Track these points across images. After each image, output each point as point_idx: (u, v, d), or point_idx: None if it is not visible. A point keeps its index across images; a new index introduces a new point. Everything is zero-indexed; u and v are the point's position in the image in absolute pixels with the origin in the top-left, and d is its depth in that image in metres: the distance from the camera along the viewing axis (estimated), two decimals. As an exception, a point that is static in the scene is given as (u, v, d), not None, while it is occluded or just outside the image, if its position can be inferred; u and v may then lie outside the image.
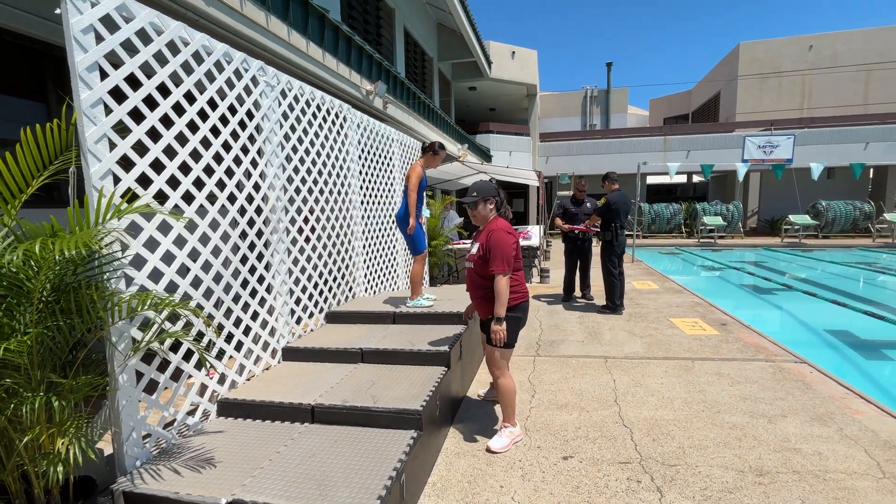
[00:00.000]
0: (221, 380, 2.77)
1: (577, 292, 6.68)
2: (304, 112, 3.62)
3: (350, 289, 4.45)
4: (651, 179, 22.47)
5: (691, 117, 28.63)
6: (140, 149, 2.21)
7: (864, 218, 16.31)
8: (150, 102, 2.26)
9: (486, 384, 3.62)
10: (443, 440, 2.76)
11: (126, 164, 2.14)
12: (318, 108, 3.82)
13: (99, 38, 2.00)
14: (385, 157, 5.21)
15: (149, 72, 2.26)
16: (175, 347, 2.43)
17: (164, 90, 2.32)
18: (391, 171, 5.39)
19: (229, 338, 2.85)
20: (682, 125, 25.93)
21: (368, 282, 4.83)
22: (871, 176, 19.46)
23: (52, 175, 2.05)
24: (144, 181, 2.22)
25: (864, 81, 21.37)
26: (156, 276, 2.29)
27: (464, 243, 9.00)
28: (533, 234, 9.66)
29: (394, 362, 3.13)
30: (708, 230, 16.46)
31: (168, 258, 2.36)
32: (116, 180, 2.09)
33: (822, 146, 17.58)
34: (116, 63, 2.07)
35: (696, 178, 23.45)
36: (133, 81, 2.17)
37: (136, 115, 2.18)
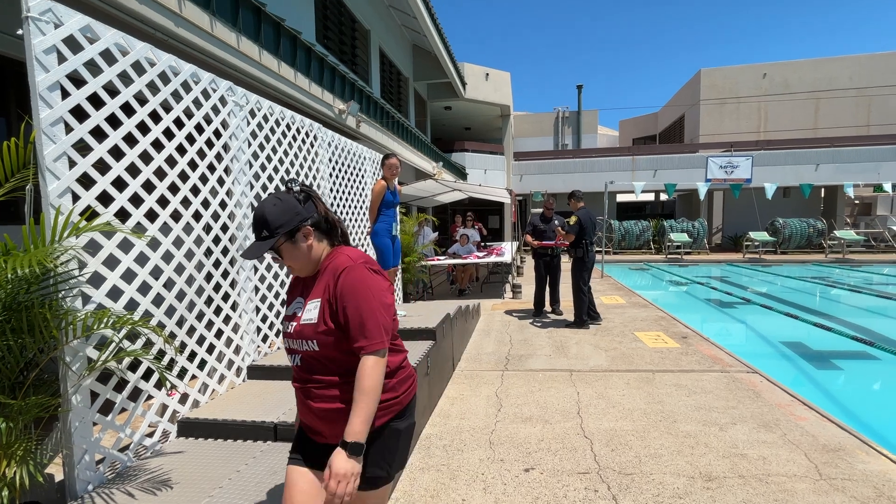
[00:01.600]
0: (183, 399, 2.73)
1: (548, 307, 6.83)
2: (273, 131, 3.66)
3: (319, 306, 4.44)
4: (620, 197, 23.22)
5: (658, 138, 29.87)
6: (102, 167, 2.22)
7: (817, 235, 17.26)
8: (114, 121, 2.27)
9: (455, 399, 3.66)
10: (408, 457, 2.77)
11: (87, 181, 2.14)
12: (288, 126, 3.88)
13: (62, 58, 2.02)
14: (357, 175, 5.28)
15: (113, 90, 2.28)
16: (134, 367, 2.40)
17: (128, 109, 2.34)
18: (363, 189, 5.46)
19: (192, 356, 2.82)
20: (649, 146, 27.04)
21: (339, 299, 4.83)
22: (822, 195, 20.65)
23: (9, 192, 2.04)
24: (106, 199, 2.22)
25: (814, 107, 22.86)
26: (115, 294, 2.26)
27: (438, 260, 9.10)
28: (506, 251, 9.84)
29: (360, 379, 3.14)
30: (675, 246, 17.07)
31: (129, 276, 2.35)
32: (76, 198, 2.09)
33: (778, 167, 18.62)
34: (79, 80, 2.09)
35: (663, 196, 24.37)
36: (97, 99, 2.19)
37: (99, 133, 2.19)
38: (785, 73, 22.97)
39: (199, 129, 2.87)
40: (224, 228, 3.09)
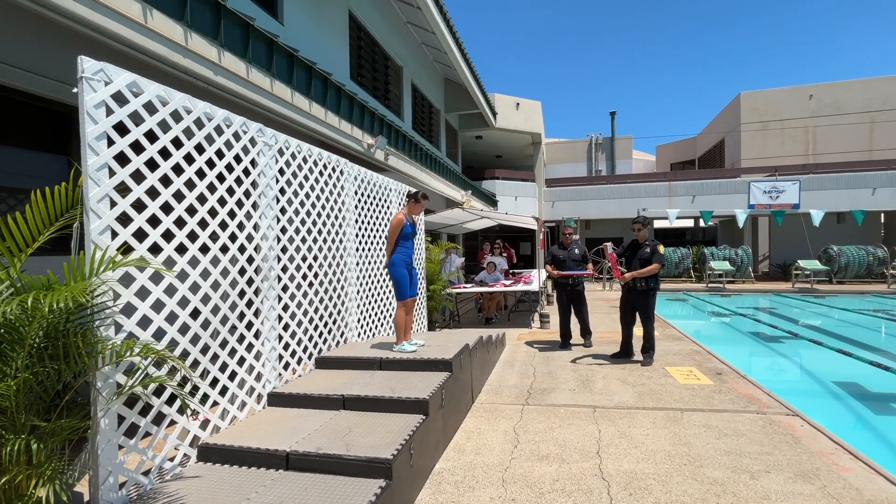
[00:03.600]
0: (204, 425, 2.85)
1: (578, 338, 6.63)
2: (300, 168, 3.88)
3: (342, 333, 4.54)
4: (658, 223, 22.52)
5: (698, 163, 29.03)
6: (139, 205, 2.43)
7: (878, 263, 16.00)
8: (152, 163, 2.50)
9: (472, 433, 3.61)
10: (417, 491, 2.75)
11: (125, 219, 2.35)
12: (315, 163, 4.10)
13: (109, 111, 2.27)
14: (382, 206, 5.46)
15: (153, 135, 2.52)
16: (159, 392, 2.54)
17: (165, 152, 2.57)
18: (388, 219, 5.62)
19: (214, 383, 2.95)
20: (686, 171, 26.29)
21: (361, 326, 4.93)
22: (882, 220, 19.26)
23: (61, 229, 2.27)
24: (140, 234, 2.42)
25: (868, 128, 21.63)
26: (145, 322, 2.44)
27: (464, 287, 9.10)
28: (534, 279, 9.72)
29: (374, 409, 3.17)
30: (716, 275, 16.28)
31: (158, 306, 2.52)
32: (114, 235, 2.29)
33: (829, 191, 17.59)
34: (123, 128, 2.33)
35: (710, 222, 23.47)
36: (138, 145, 2.43)
37: (137, 175, 2.42)
38: (834, 93, 21.97)
39: (230, 168, 3.09)
40: (250, 260, 3.27)
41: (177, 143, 2.68)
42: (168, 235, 2.63)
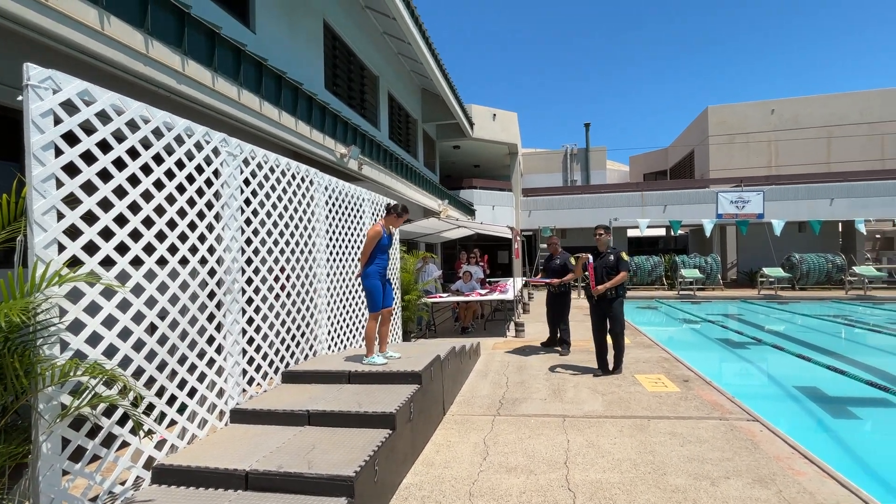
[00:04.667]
0: (160, 445, 2.73)
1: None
2: (267, 178, 3.82)
3: (311, 346, 4.46)
4: (631, 232, 23.06)
5: (669, 173, 29.94)
6: (90, 217, 2.34)
7: (836, 270, 16.76)
8: (105, 174, 2.42)
9: (441, 446, 3.58)
10: (383, 507, 2.70)
11: (74, 232, 2.26)
12: (283, 173, 4.04)
13: (57, 120, 2.19)
14: (355, 217, 5.41)
15: (107, 146, 2.44)
16: (110, 412, 2.43)
17: (120, 162, 2.49)
18: (361, 229, 5.58)
19: (172, 400, 2.84)
20: (658, 181, 27.08)
21: (332, 339, 4.85)
22: (839, 230, 20.21)
23: (4, 243, 2.17)
24: (92, 247, 2.33)
25: (826, 142, 22.77)
26: (95, 339, 2.33)
27: (440, 297, 9.08)
28: (509, 288, 9.79)
29: (340, 424, 3.11)
30: (687, 282, 16.74)
31: (110, 322, 2.42)
32: (61, 248, 2.20)
33: (791, 202, 18.39)
34: (74, 137, 2.25)
35: (679, 231, 24.15)
36: (89, 155, 2.34)
37: (89, 186, 2.33)
38: (794, 109, 23.08)
39: (191, 178, 3.02)
40: (212, 273, 3.19)
41: (134, 153, 2.60)
42: (122, 248, 2.54)
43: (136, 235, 2.60)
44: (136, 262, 2.62)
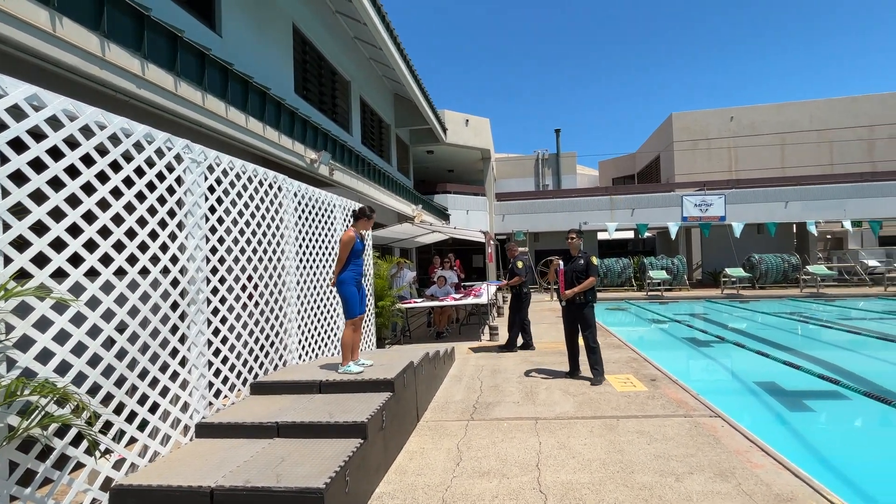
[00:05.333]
0: (119, 464, 2.62)
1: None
2: (233, 185, 3.74)
3: (280, 357, 4.37)
4: (601, 235, 23.64)
5: (637, 178, 30.87)
6: (41, 227, 2.23)
7: (792, 269, 17.65)
8: (57, 182, 2.31)
9: (415, 454, 3.56)
10: (355, 518, 2.66)
11: (23, 243, 2.15)
12: (250, 179, 3.96)
13: (3, 126, 2.09)
14: (326, 223, 5.35)
15: (59, 153, 2.33)
16: (63, 432, 2.31)
17: (74, 170, 2.39)
18: (332, 236, 5.51)
19: (132, 417, 2.73)
20: (627, 185, 27.90)
21: (303, 348, 4.76)
22: (794, 231, 21.30)
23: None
24: (42, 259, 2.22)
25: (781, 148, 24.01)
26: (46, 356, 2.22)
27: (414, 302, 9.06)
28: (483, 292, 9.85)
29: (311, 435, 3.06)
30: (655, 283, 17.27)
31: (63, 337, 2.31)
32: (8, 261, 2.09)
33: (750, 205, 19.28)
34: (22, 144, 2.15)
35: (647, 234, 24.91)
36: (39, 163, 2.24)
37: (39, 195, 2.22)
38: (751, 116, 24.26)
39: (151, 186, 2.92)
40: (175, 283, 3.09)
41: (89, 160, 2.50)
42: (76, 260, 2.43)
43: (90, 246, 2.49)
44: (93, 274, 2.51)
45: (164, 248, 3.00)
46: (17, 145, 2.14)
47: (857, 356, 7.46)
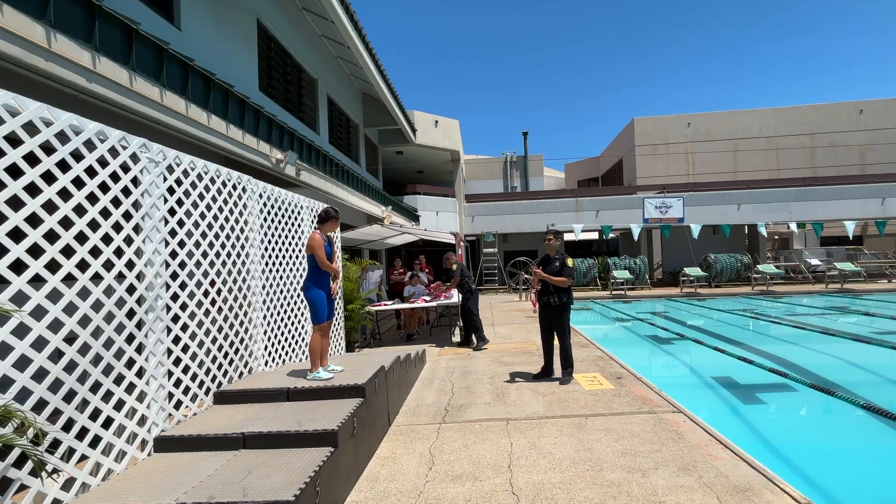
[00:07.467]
0: (68, 484, 2.45)
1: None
2: (194, 186, 3.58)
3: (246, 364, 4.21)
4: (568, 236, 24.21)
5: (601, 180, 31.79)
6: (-22, 233, 2.06)
7: (744, 268, 18.67)
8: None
9: (387, 460, 3.52)
10: (326, 530, 2.60)
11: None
12: (213, 180, 3.80)
13: (-66, 122, 1.91)
14: (293, 225, 5.21)
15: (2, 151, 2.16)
16: (4, 453, 2.13)
17: (15, 170, 2.22)
18: (300, 238, 5.37)
19: (83, 433, 2.56)
20: (591, 188, 28.70)
21: (270, 354, 4.62)
22: (745, 232, 22.53)
23: None
24: (-21, 267, 2.05)
25: (734, 154, 25.35)
26: (-16, 371, 2.05)
27: (384, 305, 8.97)
28: (454, 293, 9.87)
29: (279, 445, 2.96)
30: (619, 283, 17.84)
31: (3, 350, 2.14)
32: (-60, 269, 1.91)
33: (706, 207, 20.24)
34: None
35: (611, 235, 25.69)
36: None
37: (-24, 199, 2.05)
38: (706, 122, 25.48)
39: (105, 187, 2.75)
40: (131, 290, 2.92)
41: (33, 159, 2.32)
42: (19, 266, 2.25)
43: (35, 252, 2.31)
44: (38, 281, 2.33)
45: (118, 252, 2.83)
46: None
47: (803, 350, 7.97)
